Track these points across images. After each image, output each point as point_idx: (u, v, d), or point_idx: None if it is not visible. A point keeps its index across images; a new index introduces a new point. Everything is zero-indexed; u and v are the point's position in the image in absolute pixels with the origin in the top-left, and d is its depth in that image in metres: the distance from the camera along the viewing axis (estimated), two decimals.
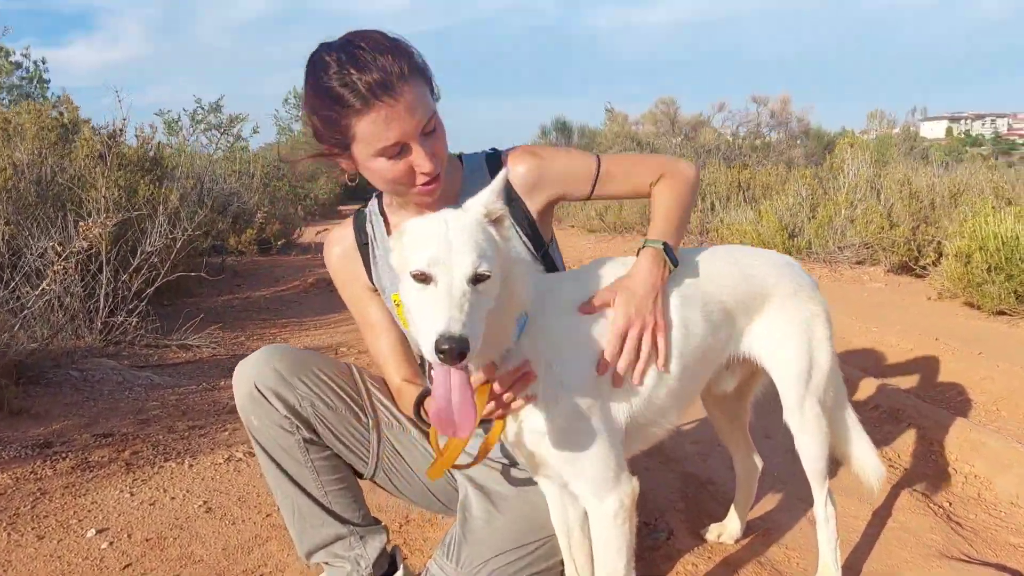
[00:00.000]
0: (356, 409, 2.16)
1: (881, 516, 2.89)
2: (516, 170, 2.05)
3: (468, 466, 1.93)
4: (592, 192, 2.09)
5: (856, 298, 7.00)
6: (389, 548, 2.32)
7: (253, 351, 2.18)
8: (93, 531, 3.03)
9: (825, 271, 8.50)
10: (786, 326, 2.15)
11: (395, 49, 1.80)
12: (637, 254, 1.97)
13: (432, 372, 1.54)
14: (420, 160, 1.83)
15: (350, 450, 2.19)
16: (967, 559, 2.57)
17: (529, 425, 1.82)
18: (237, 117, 12.97)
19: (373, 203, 2.20)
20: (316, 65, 1.82)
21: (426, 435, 2.16)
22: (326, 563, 2.25)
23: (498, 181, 1.68)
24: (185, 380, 5.13)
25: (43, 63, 18.51)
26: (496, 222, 1.68)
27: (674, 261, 1.95)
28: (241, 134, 13.27)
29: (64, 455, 3.72)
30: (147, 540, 2.98)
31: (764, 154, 22.47)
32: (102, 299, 5.45)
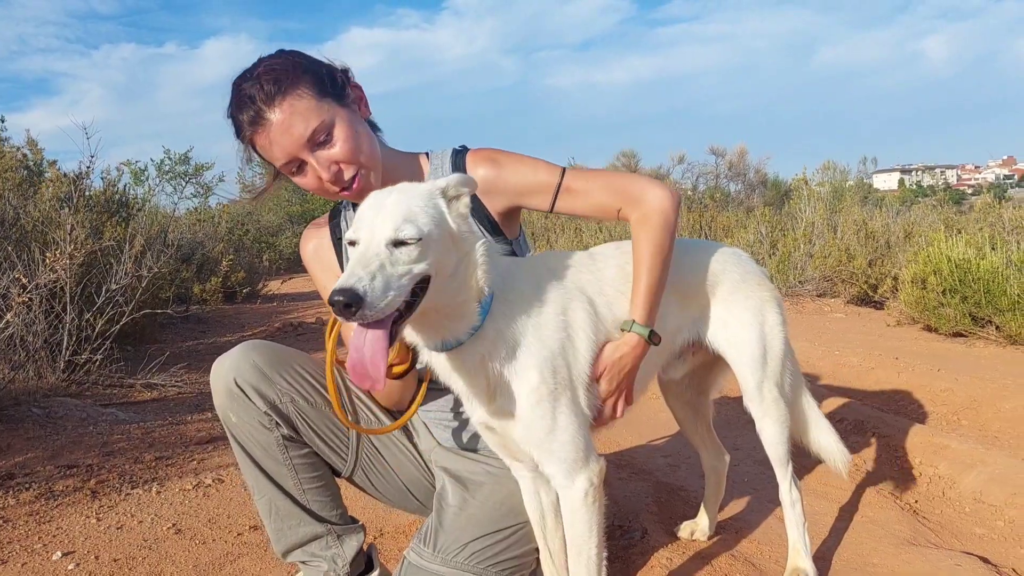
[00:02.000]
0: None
1: (849, 512, 2.94)
2: (476, 172, 2.09)
3: (378, 432, 2.19)
4: (552, 206, 2.08)
5: (819, 327, 7.14)
6: (366, 547, 2.32)
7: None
8: (59, 554, 2.96)
9: (788, 304, 8.65)
10: (738, 312, 2.22)
11: (270, 73, 1.89)
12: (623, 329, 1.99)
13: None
14: (319, 170, 1.91)
15: (329, 447, 2.19)
16: (935, 546, 2.63)
17: (498, 406, 1.84)
18: (203, 166, 13.03)
19: None
20: None
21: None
22: (303, 562, 2.23)
23: (465, 175, 1.74)
24: (151, 417, 5.05)
25: (2, 121, 18.36)
26: (454, 199, 1.71)
27: (656, 341, 1.98)
28: (208, 185, 13.30)
29: (27, 485, 3.64)
30: (115, 561, 2.92)
31: (724, 204, 22.92)
32: (65, 337, 5.37)
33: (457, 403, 2.18)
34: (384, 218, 1.57)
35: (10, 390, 4.84)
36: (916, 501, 3.11)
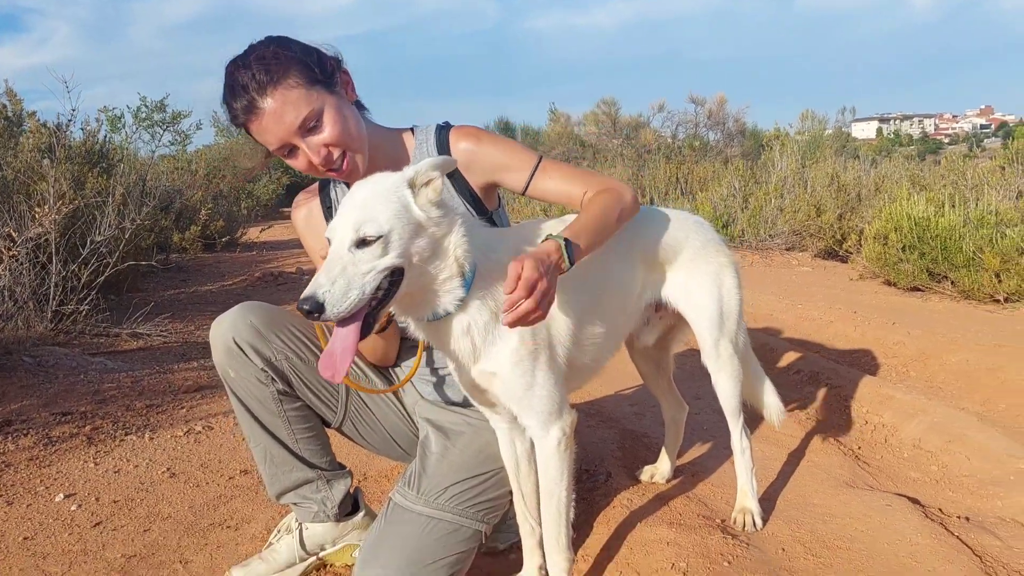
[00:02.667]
0: None
1: (796, 457, 3.19)
2: (457, 147, 2.24)
3: (379, 392, 2.41)
4: (527, 187, 2.22)
5: (785, 280, 7.40)
6: (352, 490, 2.53)
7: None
8: (61, 496, 3.16)
9: (757, 257, 8.91)
10: (699, 276, 2.42)
11: (262, 63, 2.01)
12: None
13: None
14: (310, 154, 2.06)
15: (320, 400, 2.38)
16: (871, 488, 2.89)
17: (482, 367, 2.03)
18: (180, 114, 12.94)
19: None
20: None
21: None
22: (295, 504, 2.44)
23: (439, 158, 1.87)
24: (139, 365, 5.21)
25: None
26: (425, 185, 1.83)
27: (571, 260, 1.93)
28: (186, 132, 13.22)
29: (25, 432, 3.81)
30: (115, 502, 3.12)
31: (702, 153, 23.05)
32: (52, 288, 5.49)
33: (437, 361, 2.38)
34: (346, 220, 1.73)
35: (1, 339, 4.98)
36: (859, 447, 3.38)
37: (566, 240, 1.91)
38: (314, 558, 2.46)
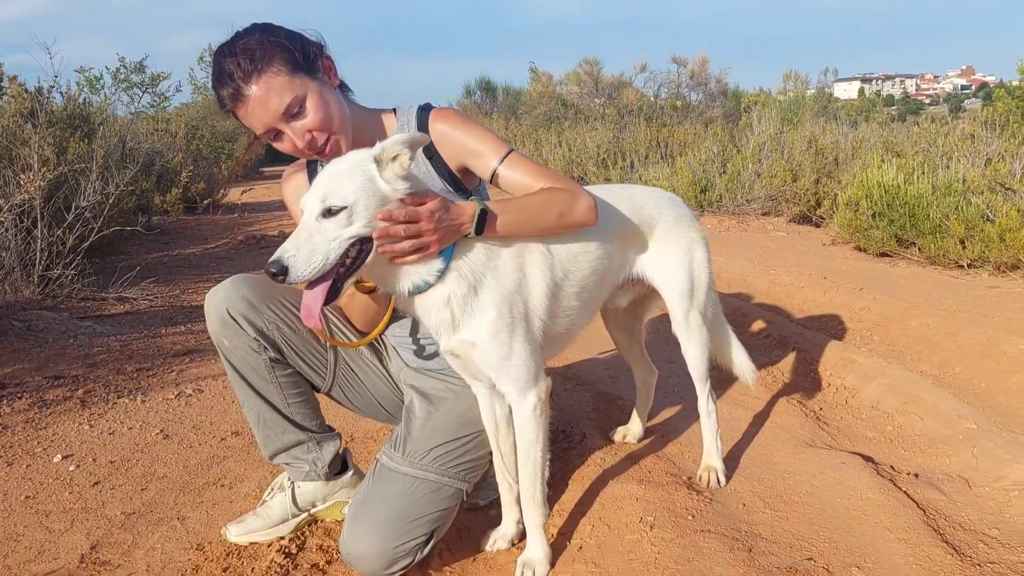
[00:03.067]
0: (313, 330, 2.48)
1: (761, 419, 3.38)
2: (434, 127, 2.35)
3: (353, 345, 2.53)
4: (492, 176, 2.29)
5: (760, 245, 7.57)
6: (341, 451, 2.68)
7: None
8: (59, 456, 3.29)
9: (733, 222, 9.08)
10: (672, 250, 2.57)
11: (247, 52, 2.12)
12: None
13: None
14: (294, 139, 2.18)
15: (310, 367, 2.51)
16: (828, 447, 3.08)
17: (461, 337, 2.17)
18: (160, 75, 12.83)
19: None
20: None
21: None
22: (287, 464, 2.59)
23: (407, 134, 1.99)
24: (127, 329, 5.32)
25: None
26: (393, 160, 1.95)
27: (478, 229, 2.05)
28: (165, 94, 13.12)
29: (19, 395, 3.93)
30: (111, 462, 3.26)
31: (684, 114, 23.09)
32: (38, 254, 5.56)
33: (421, 330, 2.51)
34: (314, 192, 1.90)
35: None
36: (821, 409, 3.57)
37: (483, 210, 2.06)
38: (306, 514, 2.61)
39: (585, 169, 12.52)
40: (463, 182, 2.40)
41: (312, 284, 1.90)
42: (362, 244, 1.91)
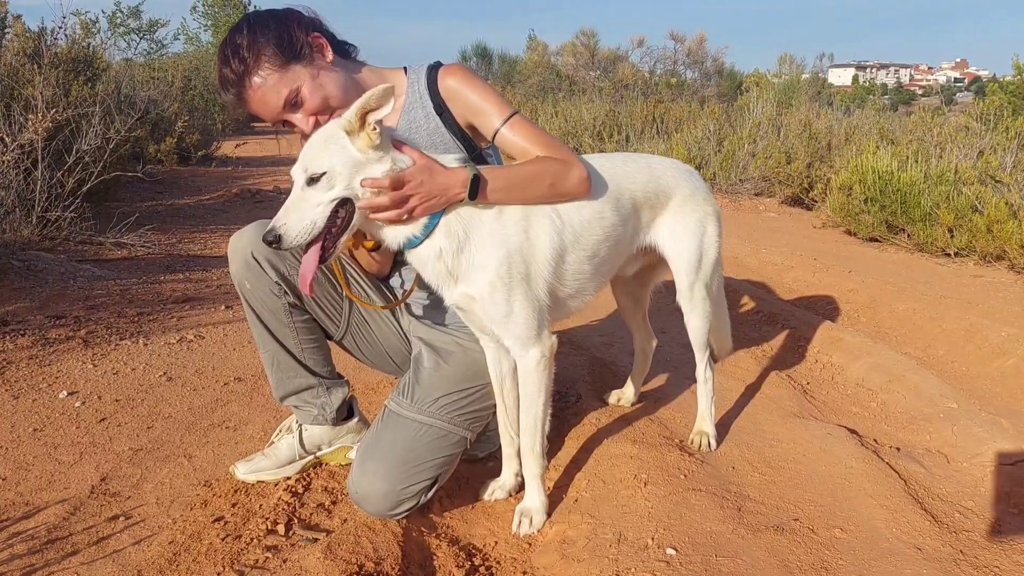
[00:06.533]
0: (334, 280, 2.56)
1: (752, 390, 3.49)
2: (444, 83, 2.40)
3: (386, 307, 2.63)
4: (494, 136, 2.36)
5: (752, 225, 7.68)
6: (348, 398, 2.76)
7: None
8: (65, 393, 3.36)
9: (727, 201, 9.17)
10: (685, 222, 2.64)
11: (237, 55, 2.22)
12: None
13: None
14: (300, 125, 2.29)
15: (326, 315, 2.59)
16: (815, 419, 3.20)
17: (462, 290, 2.25)
18: (157, 22, 12.69)
19: None
20: None
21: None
22: (296, 407, 2.67)
23: (366, 95, 2.01)
24: (125, 274, 5.35)
25: None
26: (362, 127, 2.03)
27: (472, 194, 2.14)
28: (162, 41, 12.98)
29: (22, 332, 3.97)
30: (116, 401, 3.33)
31: (679, 92, 23.08)
32: (38, 195, 5.57)
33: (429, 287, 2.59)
34: (298, 164, 2.05)
35: None
36: (808, 383, 3.69)
37: (476, 175, 2.15)
38: (312, 457, 2.70)
39: (580, 141, 12.55)
40: (474, 140, 2.45)
41: (306, 249, 2.05)
42: (349, 206, 2.05)
